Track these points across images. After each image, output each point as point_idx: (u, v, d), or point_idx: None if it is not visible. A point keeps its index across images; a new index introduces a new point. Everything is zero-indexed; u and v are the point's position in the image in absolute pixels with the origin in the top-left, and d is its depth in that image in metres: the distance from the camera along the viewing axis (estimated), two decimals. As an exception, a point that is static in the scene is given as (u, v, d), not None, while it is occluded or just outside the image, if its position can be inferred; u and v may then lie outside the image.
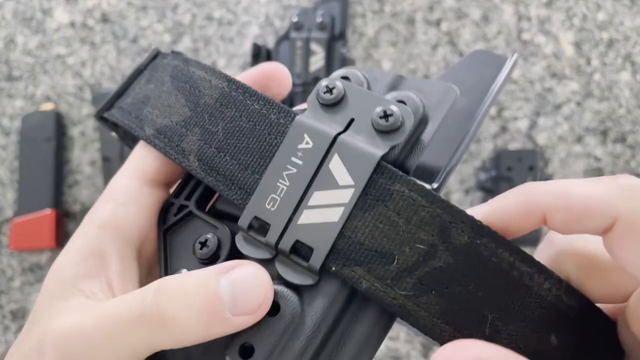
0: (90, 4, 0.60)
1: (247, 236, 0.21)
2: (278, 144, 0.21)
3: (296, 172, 0.20)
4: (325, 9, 0.56)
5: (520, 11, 0.58)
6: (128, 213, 0.22)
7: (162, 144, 0.22)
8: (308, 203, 0.20)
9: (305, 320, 0.19)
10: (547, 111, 0.57)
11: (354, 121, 0.21)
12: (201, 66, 0.23)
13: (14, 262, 0.57)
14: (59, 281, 0.20)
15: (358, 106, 0.21)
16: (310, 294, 0.20)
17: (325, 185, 0.20)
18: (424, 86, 0.22)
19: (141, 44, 0.59)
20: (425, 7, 0.58)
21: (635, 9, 0.57)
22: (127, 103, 0.25)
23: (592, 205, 0.17)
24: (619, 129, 0.56)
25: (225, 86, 0.23)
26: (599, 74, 0.57)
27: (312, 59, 0.54)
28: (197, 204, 0.23)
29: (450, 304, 0.18)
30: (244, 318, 0.19)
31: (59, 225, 0.56)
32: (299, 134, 0.21)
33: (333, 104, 0.21)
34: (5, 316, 0.56)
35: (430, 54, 0.58)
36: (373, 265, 0.19)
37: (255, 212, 0.20)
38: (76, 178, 0.58)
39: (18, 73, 0.60)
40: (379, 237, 0.19)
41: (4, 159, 0.58)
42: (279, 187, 0.20)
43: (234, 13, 0.59)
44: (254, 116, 0.22)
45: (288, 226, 0.20)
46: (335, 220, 0.19)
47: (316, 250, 0.19)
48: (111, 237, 0.21)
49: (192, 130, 0.22)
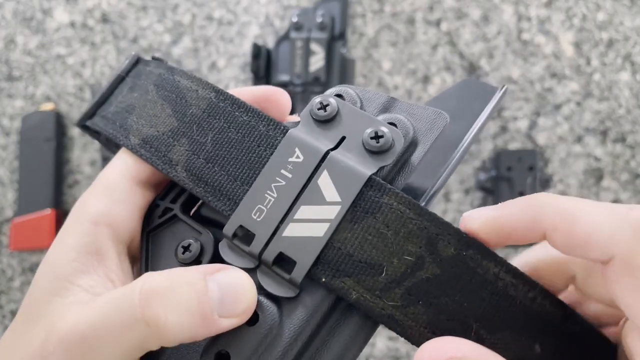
0: (90, 4, 0.60)
1: (230, 244, 0.21)
2: (267, 155, 0.21)
3: (285, 184, 0.20)
4: (325, 9, 0.56)
5: (520, 11, 0.58)
6: (122, 211, 0.22)
7: (148, 153, 0.22)
8: (294, 216, 0.20)
9: (284, 332, 0.19)
10: (547, 111, 0.57)
11: (345, 139, 0.21)
12: (187, 75, 0.23)
13: (14, 262, 0.57)
14: (56, 278, 0.20)
15: (350, 125, 0.21)
16: (290, 305, 0.20)
17: (313, 200, 0.20)
18: (416, 110, 0.22)
19: (141, 44, 0.59)
20: (425, 7, 0.58)
21: (635, 9, 0.57)
22: (110, 112, 0.24)
23: (594, 237, 0.17)
24: (619, 129, 0.56)
25: (213, 97, 0.23)
26: (599, 74, 0.57)
27: (312, 59, 0.54)
28: (182, 208, 0.23)
29: (437, 314, 0.19)
30: (230, 320, 0.19)
31: (59, 226, 0.55)
32: (290, 147, 0.21)
33: (326, 121, 0.21)
34: (6, 316, 0.56)
35: (430, 54, 0.58)
36: (362, 276, 0.19)
37: (241, 221, 0.20)
38: (76, 178, 0.58)
39: (18, 73, 0.60)
40: (368, 248, 0.19)
41: (4, 159, 0.58)
42: (266, 198, 0.20)
43: (234, 13, 0.59)
44: (242, 127, 0.22)
45: (273, 237, 0.20)
46: (320, 236, 0.20)
47: (299, 264, 0.20)
48: (107, 232, 0.21)
49: (179, 140, 0.22)
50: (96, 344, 0.18)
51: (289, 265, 0.20)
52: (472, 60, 0.57)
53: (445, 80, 0.57)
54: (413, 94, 0.57)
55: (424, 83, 0.57)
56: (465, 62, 0.58)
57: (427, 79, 0.57)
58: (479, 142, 0.57)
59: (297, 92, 0.54)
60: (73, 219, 0.22)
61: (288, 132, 0.21)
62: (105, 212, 0.21)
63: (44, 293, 0.20)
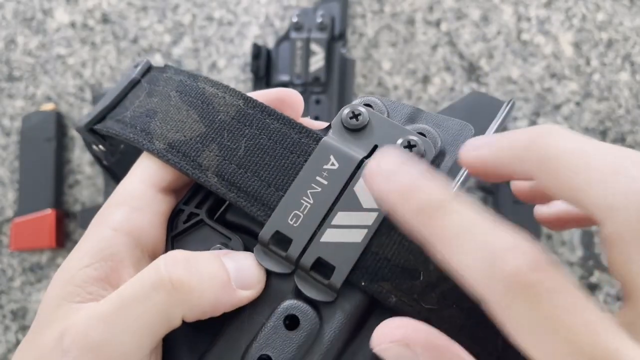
0: (90, 4, 0.60)
1: (266, 249, 0.21)
2: (301, 162, 0.21)
3: (320, 191, 0.21)
4: (325, 9, 0.56)
5: (519, 11, 0.58)
6: (142, 219, 0.22)
7: (176, 158, 0.22)
8: (332, 222, 0.20)
9: (324, 336, 0.20)
10: (546, 111, 0.57)
11: (377, 148, 0.22)
12: (212, 82, 0.24)
13: (14, 262, 0.57)
14: (68, 283, 0.20)
15: (381, 134, 0.22)
16: (328, 310, 0.20)
17: (350, 206, 0.20)
18: (442, 122, 0.23)
19: (141, 44, 0.59)
20: (425, 8, 0.58)
21: (634, 9, 0.57)
22: (127, 116, 0.24)
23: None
24: (619, 129, 0.56)
25: (241, 104, 0.23)
26: (599, 74, 0.57)
27: (312, 59, 0.54)
28: (208, 213, 0.23)
29: (468, 318, 0.19)
30: (246, 292, 0.20)
31: (60, 226, 0.56)
32: (325, 154, 0.21)
33: (357, 129, 0.22)
34: (6, 316, 0.56)
35: (430, 54, 0.58)
36: (400, 281, 0.20)
37: (278, 227, 0.21)
38: (77, 178, 0.58)
39: (18, 73, 0.60)
40: (405, 253, 0.20)
41: (4, 159, 0.59)
42: (302, 204, 0.21)
43: (234, 13, 0.59)
44: (274, 134, 0.22)
45: (310, 242, 0.20)
46: (359, 241, 0.20)
47: (338, 269, 0.20)
48: (125, 240, 0.21)
49: (208, 146, 0.22)
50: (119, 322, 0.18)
51: (326, 269, 0.20)
52: (472, 61, 0.58)
53: (445, 80, 0.57)
54: (413, 94, 0.58)
55: (423, 83, 0.57)
56: (465, 62, 0.58)
57: (427, 79, 0.58)
58: (479, 142, 0.57)
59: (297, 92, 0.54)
60: (93, 227, 0.22)
61: (322, 140, 0.22)
62: (125, 220, 0.21)
63: (55, 298, 0.20)
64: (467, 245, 0.16)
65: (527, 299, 0.15)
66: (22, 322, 0.56)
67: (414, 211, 0.17)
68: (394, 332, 0.18)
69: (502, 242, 0.16)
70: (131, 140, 0.23)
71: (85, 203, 0.57)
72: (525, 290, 0.15)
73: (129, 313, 0.18)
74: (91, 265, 0.20)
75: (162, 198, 0.22)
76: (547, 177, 0.17)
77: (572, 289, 0.15)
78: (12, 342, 0.55)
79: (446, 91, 0.57)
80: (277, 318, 0.20)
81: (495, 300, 0.16)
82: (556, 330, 0.15)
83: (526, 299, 0.15)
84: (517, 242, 0.16)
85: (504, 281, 0.15)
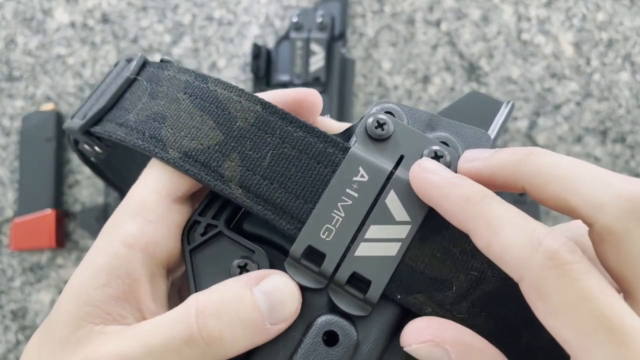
0: (90, 4, 0.60)
1: (297, 264, 0.20)
2: (329, 173, 0.21)
3: (352, 204, 0.20)
4: (325, 9, 0.56)
5: (519, 11, 0.58)
6: (157, 232, 0.21)
7: (194, 169, 0.21)
8: (365, 236, 0.20)
9: (362, 351, 0.20)
10: (546, 111, 0.57)
11: (404, 158, 0.21)
12: (223, 84, 0.22)
13: (14, 262, 0.57)
14: (86, 303, 0.20)
15: (407, 144, 0.21)
16: (364, 324, 0.20)
17: (382, 219, 0.20)
18: (461, 130, 0.23)
19: (141, 44, 0.59)
20: (425, 7, 0.58)
21: (634, 9, 0.57)
22: (131, 120, 0.23)
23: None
24: (619, 129, 0.56)
25: (259, 109, 0.22)
26: (599, 74, 0.57)
27: (312, 59, 0.54)
28: (226, 224, 0.22)
29: (496, 324, 0.20)
30: (281, 325, 0.20)
31: (60, 226, 0.56)
32: (354, 166, 0.21)
33: (382, 139, 0.22)
34: (6, 316, 0.56)
35: (430, 54, 0.58)
36: (433, 292, 0.20)
37: (310, 241, 0.20)
38: (77, 178, 0.58)
39: (18, 73, 0.60)
40: (438, 265, 0.20)
41: (4, 159, 0.59)
42: (334, 217, 0.20)
43: (234, 13, 0.59)
44: (298, 144, 0.21)
45: (345, 257, 0.20)
46: (393, 255, 0.20)
47: (374, 283, 0.20)
48: (140, 257, 0.20)
49: (229, 155, 0.21)
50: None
51: (362, 284, 0.20)
52: (472, 61, 0.58)
53: (445, 80, 0.57)
54: (413, 94, 0.57)
55: (423, 83, 0.57)
56: (465, 62, 0.58)
57: (427, 79, 0.57)
58: (479, 142, 0.57)
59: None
60: (104, 240, 0.21)
61: (350, 151, 0.21)
62: (139, 234, 0.21)
63: (71, 317, 0.20)
64: (510, 226, 0.17)
65: (563, 276, 0.16)
66: (22, 322, 0.56)
67: (461, 199, 0.19)
68: (423, 333, 0.19)
69: (540, 227, 0.17)
70: (140, 147, 0.22)
71: (85, 203, 0.57)
72: (563, 267, 0.16)
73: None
74: (108, 284, 0.20)
75: (176, 208, 0.22)
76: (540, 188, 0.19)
77: (600, 275, 0.17)
78: (12, 342, 0.55)
79: (446, 91, 0.57)
80: (315, 334, 0.20)
81: (532, 276, 0.17)
82: (589, 308, 0.16)
83: (563, 276, 0.16)
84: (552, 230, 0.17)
85: (544, 258, 0.16)
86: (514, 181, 0.19)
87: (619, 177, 0.18)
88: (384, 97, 0.58)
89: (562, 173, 0.18)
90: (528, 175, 0.19)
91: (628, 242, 0.17)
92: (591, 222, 0.18)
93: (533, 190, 0.19)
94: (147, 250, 0.21)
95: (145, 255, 0.21)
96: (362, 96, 0.58)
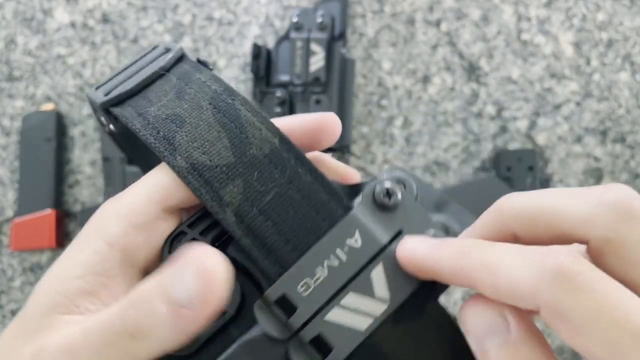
0: (90, 4, 0.60)
1: (266, 308, 0.20)
2: (325, 227, 0.21)
3: (338, 265, 0.20)
4: (325, 9, 0.56)
5: (519, 11, 0.58)
6: (139, 237, 0.21)
7: (197, 183, 0.21)
8: (340, 302, 0.20)
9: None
10: (546, 111, 0.57)
11: (402, 233, 0.21)
12: (249, 106, 0.22)
13: (15, 262, 0.57)
14: (57, 292, 0.20)
15: (409, 220, 0.21)
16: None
17: (362, 290, 0.20)
18: (467, 219, 0.22)
19: (141, 44, 0.59)
20: (425, 7, 0.58)
21: (634, 9, 0.57)
22: (151, 114, 0.22)
23: (517, 291, 0.17)
24: (619, 129, 0.56)
25: (277, 143, 0.21)
26: (599, 74, 0.57)
27: (312, 59, 0.54)
28: (213, 241, 0.22)
29: None
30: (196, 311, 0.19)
31: (59, 226, 0.56)
32: (351, 228, 0.21)
33: (387, 208, 0.21)
34: (6, 316, 0.56)
35: (430, 54, 0.58)
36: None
37: (286, 290, 0.20)
38: (77, 178, 0.58)
39: (18, 73, 0.60)
40: (404, 350, 0.20)
41: (5, 159, 0.59)
42: (316, 273, 0.20)
43: (234, 13, 0.59)
44: (304, 189, 0.21)
45: (315, 317, 0.20)
46: (362, 330, 0.20)
47: (335, 352, 0.20)
48: (119, 257, 0.20)
49: (234, 180, 0.21)
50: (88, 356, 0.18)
51: (323, 347, 0.20)
52: (472, 61, 0.58)
53: (445, 80, 0.57)
54: (413, 94, 0.58)
55: (423, 83, 0.57)
56: (465, 62, 0.58)
57: (427, 79, 0.58)
58: (479, 142, 0.57)
59: (297, 92, 0.54)
60: (87, 235, 0.21)
61: (352, 213, 0.21)
62: (122, 235, 0.21)
63: (41, 306, 0.20)
64: (509, 261, 0.17)
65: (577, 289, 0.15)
66: (22, 322, 0.56)
67: (454, 256, 0.18)
68: None
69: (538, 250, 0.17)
70: (150, 144, 0.22)
71: (85, 203, 0.57)
72: (574, 281, 0.15)
73: (97, 354, 0.18)
74: (82, 277, 0.20)
75: (164, 218, 0.21)
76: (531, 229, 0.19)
77: (614, 280, 0.16)
78: (12, 342, 0.55)
79: (446, 91, 0.57)
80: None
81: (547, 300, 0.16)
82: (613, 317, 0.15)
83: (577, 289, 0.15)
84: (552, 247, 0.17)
85: (551, 278, 0.16)
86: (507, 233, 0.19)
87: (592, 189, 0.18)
88: (384, 97, 0.58)
89: (538, 208, 0.18)
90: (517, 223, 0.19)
91: (627, 245, 0.17)
92: (586, 239, 0.17)
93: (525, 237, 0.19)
94: (126, 252, 0.21)
95: (125, 256, 0.21)
96: (362, 96, 0.58)
